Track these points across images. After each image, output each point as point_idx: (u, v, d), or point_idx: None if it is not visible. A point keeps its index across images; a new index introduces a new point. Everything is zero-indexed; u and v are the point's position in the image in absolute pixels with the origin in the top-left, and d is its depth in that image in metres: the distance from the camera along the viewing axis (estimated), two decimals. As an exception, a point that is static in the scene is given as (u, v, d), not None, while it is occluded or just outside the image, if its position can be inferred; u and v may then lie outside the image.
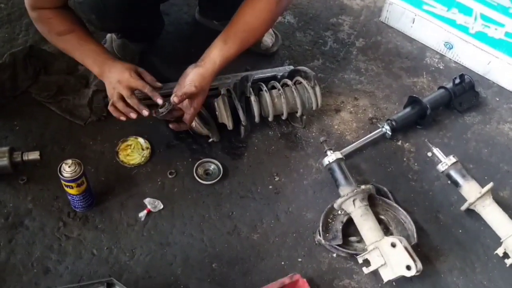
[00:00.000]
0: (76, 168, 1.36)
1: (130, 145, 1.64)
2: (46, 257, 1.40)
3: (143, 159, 1.61)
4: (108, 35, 1.80)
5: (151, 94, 1.46)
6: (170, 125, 1.55)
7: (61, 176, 1.36)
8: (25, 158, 1.50)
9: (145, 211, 1.50)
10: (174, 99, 1.42)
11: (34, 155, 1.50)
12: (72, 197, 1.43)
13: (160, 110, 1.47)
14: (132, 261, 1.41)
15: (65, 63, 1.77)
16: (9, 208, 1.49)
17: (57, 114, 1.70)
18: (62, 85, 1.72)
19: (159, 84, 1.52)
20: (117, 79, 1.46)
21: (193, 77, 1.45)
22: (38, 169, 1.56)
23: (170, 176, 1.59)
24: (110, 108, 1.49)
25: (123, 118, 1.48)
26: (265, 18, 1.50)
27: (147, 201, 1.52)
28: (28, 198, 1.51)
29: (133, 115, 1.45)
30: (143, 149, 1.64)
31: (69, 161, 1.35)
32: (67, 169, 1.35)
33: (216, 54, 1.47)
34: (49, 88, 1.72)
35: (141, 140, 1.65)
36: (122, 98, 1.46)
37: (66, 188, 1.40)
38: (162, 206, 1.52)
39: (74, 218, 1.48)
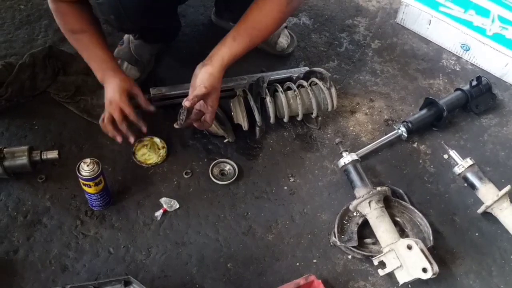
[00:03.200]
0: (95, 167, 1.38)
1: (146, 145, 1.66)
2: (63, 255, 1.42)
3: (159, 158, 1.63)
4: (126, 36, 1.82)
5: (136, 122, 1.53)
6: (194, 124, 1.56)
7: (79, 175, 1.38)
8: (44, 157, 1.52)
9: (161, 211, 1.52)
10: (185, 103, 1.44)
11: (52, 154, 1.53)
12: (90, 195, 1.45)
13: (178, 121, 1.50)
14: (148, 260, 1.43)
15: (83, 63, 1.77)
16: (28, 206, 1.51)
17: (75, 114, 1.72)
18: (80, 86, 1.75)
19: (151, 108, 1.58)
20: (110, 98, 1.52)
21: (202, 78, 1.45)
22: (56, 168, 1.59)
23: (186, 176, 1.60)
24: (101, 124, 1.55)
25: (110, 135, 1.54)
26: (274, 17, 1.50)
27: (163, 200, 1.54)
28: (47, 196, 1.53)
29: (118, 139, 1.53)
30: (159, 149, 1.65)
31: (88, 160, 1.37)
32: (86, 168, 1.37)
33: (224, 51, 1.47)
34: (68, 88, 1.74)
35: (157, 140, 1.67)
36: (113, 118, 1.51)
37: (84, 187, 1.42)
38: (178, 206, 1.53)
39: (91, 216, 1.50)
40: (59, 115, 1.73)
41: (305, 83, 1.66)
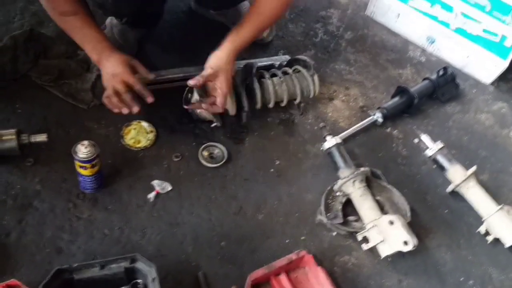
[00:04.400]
0: (92, 149, 1.39)
1: (134, 128, 1.68)
2: (58, 237, 1.42)
3: (148, 142, 1.65)
4: (108, 21, 1.81)
5: (142, 92, 1.53)
6: (203, 105, 1.57)
7: (76, 157, 1.39)
8: (32, 140, 1.51)
9: (154, 192, 1.55)
10: (190, 82, 1.49)
11: (41, 137, 1.51)
12: (84, 178, 1.46)
13: (191, 104, 1.55)
14: (144, 240, 1.46)
15: (64, 47, 1.77)
16: (17, 190, 1.49)
17: (59, 98, 1.70)
18: (63, 69, 1.73)
19: (151, 76, 1.59)
20: (112, 72, 1.51)
21: (209, 60, 1.52)
22: (44, 151, 1.57)
23: (175, 159, 1.64)
24: (104, 100, 1.55)
25: (116, 110, 1.55)
26: (276, 4, 1.58)
27: (155, 182, 1.57)
28: (36, 180, 1.52)
29: (125, 111, 1.53)
30: (147, 133, 1.67)
31: (86, 142, 1.38)
32: (84, 150, 1.38)
33: (234, 36, 1.55)
34: (50, 71, 1.72)
35: (144, 124, 1.69)
36: (116, 92, 1.52)
37: (79, 169, 1.43)
38: (170, 188, 1.57)
39: (83, 199, 1.51)
40: (43, 99, 1.70)
41: (289, 70, 1.74)
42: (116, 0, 1.46)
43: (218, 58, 1.52)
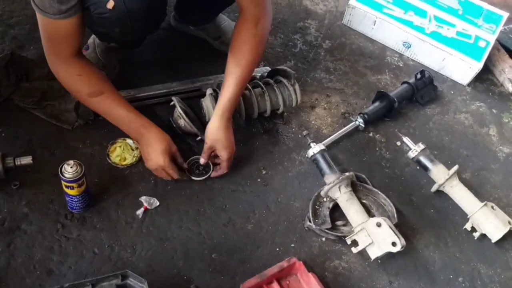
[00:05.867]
0: (78, 168, 1.39)
1: (120, 146, 1.68)
2: (47, 259, 1.42)
3: (134, 159, 1.66)
4: (91, 41, 1.82)
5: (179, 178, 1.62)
6: (212, 175, 1.66)
7: (63, 177, 1.39)
8: (17, 163, 1.50)
9: (142, 209, 1.55)
10: (201, 161, 1.64)
11: (26, 160, 1.51)
12: (71, 198, 1.46)
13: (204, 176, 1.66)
14: (134, 257, 1.46)
15: (46, 69, 1.75)
16: (4, 214, 1.49)
17: (43, 120, 1.71)
18: (45, 91, 1.74)
19: (186, 166, 1.64)
20: (157, 164, 1.57)
21: (206, 132, 1.61)
22: (29, 174, 1.57)
23: (162, 175, 1.65)
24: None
25: None
26: (251, 44, 1.56)
27: (143, 199, 1.57)
28: (23, 202, 1.52)
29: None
30: (133, 150, 1.68)
31: (71, 162, 1.38)
32: (69, 170, 1.38)
33: (220, 101, 1.58)
34: (33, 94, 1.72)
35: (129, 141, 1.70)
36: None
37: (66, 189, 1.43)
38: (158, 203, 1.57)
39: (71, 219, 1.51)
40: (27, 122, 1.70)
41: (271, 81, 1.77)
42: (124, 30, 1.45)
43: (213, 129, 1.58)
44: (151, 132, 1.57)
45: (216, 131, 1.58)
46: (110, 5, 1.37)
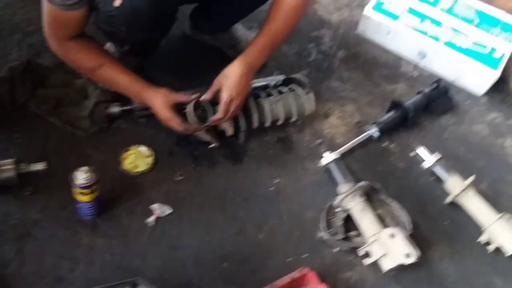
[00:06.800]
0: (91, 174, 1.39)
1: (133, 153, 1.69)
2: (57, 266, 1.42)
3: (147, 166, 1.66)
4: (106, 47, 1.84)
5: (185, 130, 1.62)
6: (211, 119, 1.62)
7: (76, 183, 1.39)
8: (31, 169, 1.51)
9: (153, 216, 1.55)
10: (204, 97, 1.60)
11: (40, 166, 1.52)
12: (83, 205, 1.46)
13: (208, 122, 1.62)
14: (145, 265, 1.45)
15: (62, 76, 1.79)
16: (16, 220, 1.49)
17: (57, 126, 1.72)
18: (61, 98, 1.75)
19: (194, 96, 1.63)
20: (161, 119, 1.61)
21: (220, 74, 1.59)
22: (43, 180, 1.57)
23: (175, 182, 1.65)
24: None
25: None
26: (291, 4, 1.56)
27: (155, 206, 1.57)
28: (35, 208, 1.52)
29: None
30: (146, 157, 1.68)
31: (85, 168, 1.39)
32: (83, 176, 1.38)
33: (248, 49, 1.59)
34: (48, 101, 1.74)
35: (143, 148, 1.70)
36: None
37: (79, 196, 1.43)
38: (170, 211, 1.57)
39: (83, 226, 1.51)
40: (41, 128, 1.71)
41: (285, 89, 1.76)
42: (130, 28, 1.47)
43: (228, 68, 1.57)
44: (149, 92, 1.61)
45: (230, 69, 1.56)
46: (117, 2, 1.40)
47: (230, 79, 1.55)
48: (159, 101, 1.59)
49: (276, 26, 1.57)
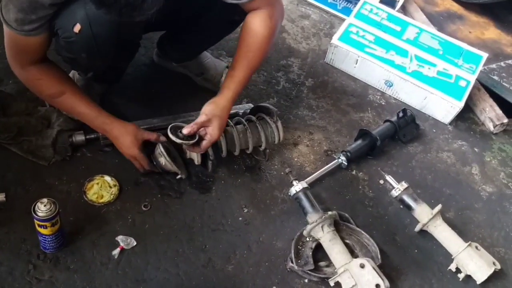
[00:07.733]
0: (52, 207, 1.34)
1: (97, 183, 1.64)
2: (16, 304, 1.35)
3: (112, 196, 1.61)
4: (71, 75, 1.80)
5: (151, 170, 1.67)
6: (184, 147, 1.62)
7: (35, 216, 1.33)
8: (-11, 200, 1.46)
9: (118, 249, 1.49)
10: (184, 130, 1.52)
11: (-1, 197, 1.46)
12: (44, 237, 1.40)
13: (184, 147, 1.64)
14: (108, 300, 1.40)
15: (24, 104, 1.75)
16: (-28, 254, 1.42)
17: (18, 156, 1.66)
18: (22, 126, 1.69)
19: (162, 139, 1.66)
20: (128, 156, 1.64)
21: (204, 108, 1.55)
22: (2, 212, 1.51)
23: (140, 213, 1.60)
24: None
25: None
26: (263, 35, 1.56)
27: (119, 238, 1.52)
28: (-7, 242, 1.46)
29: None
30: (110, 187, 1.64)
31: (45, 200, 1.33)
32: (43, 208, 1.33)
33: (228, 81, 1.57)
34: (9, 129, 1.68)
35: (107, 178, 1.65)
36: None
37: (39, 228, 1.37)
38: (135, 243, 1.52)
39: (44, 260, 1.44)
40: (1, 157, 1.65)
41: (253, 118, 1.75)
42: (91, 56, 1.45)
43: (215, 105, 1.55)
44: (114, 128, 1.60)
45: (220, 109, 1.55)
46: (77, 28, 1.38)
47: (220, 119, 1.55)
48: (128, 139, 1.59)
49: (253, 56, 1.58)
